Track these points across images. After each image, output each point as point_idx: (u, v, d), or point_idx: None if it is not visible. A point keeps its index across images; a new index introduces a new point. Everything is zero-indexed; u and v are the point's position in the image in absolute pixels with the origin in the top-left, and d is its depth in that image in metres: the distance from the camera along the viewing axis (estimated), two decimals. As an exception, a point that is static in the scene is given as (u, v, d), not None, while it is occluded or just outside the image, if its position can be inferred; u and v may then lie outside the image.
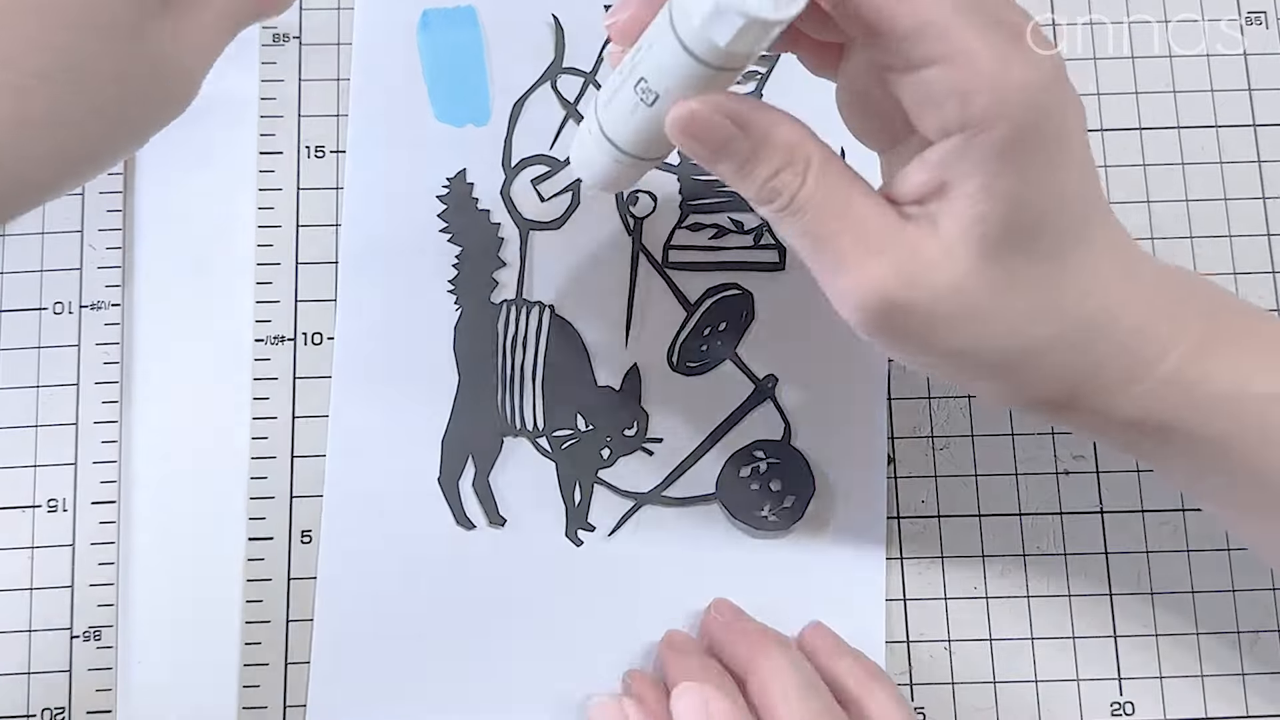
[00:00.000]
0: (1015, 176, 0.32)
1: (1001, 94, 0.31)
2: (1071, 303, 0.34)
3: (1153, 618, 0.44)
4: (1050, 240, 0.33)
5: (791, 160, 0.34)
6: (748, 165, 0.34)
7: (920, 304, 0.33)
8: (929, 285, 0.33)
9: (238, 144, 0.47)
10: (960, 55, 0.31)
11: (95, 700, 0.43)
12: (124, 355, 0.45)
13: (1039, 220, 0.33)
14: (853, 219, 0.33)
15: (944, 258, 0.33)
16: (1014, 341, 0.34)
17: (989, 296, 0.33)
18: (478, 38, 0.48)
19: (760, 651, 0.40)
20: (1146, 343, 0.35)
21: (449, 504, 0.44)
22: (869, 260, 0.33)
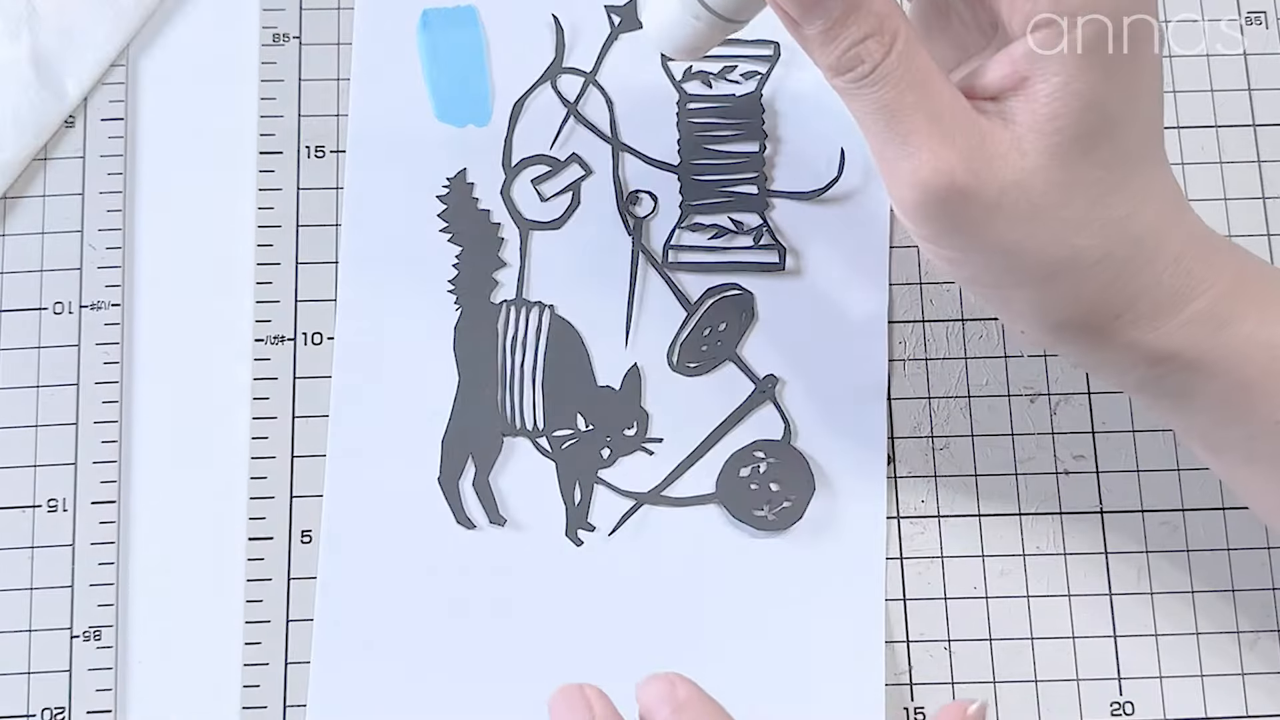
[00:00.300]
0: (1097, 77, 0.32)
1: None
2: (1124, 218, 0.35)
3: (1153, 618, 0.44)
4: (1118, 150, 0.34)
5: (880, 29, 0.33)
6: (836, 27, 0.34)
7: (983, 194, 0.33)
8: (994, 176, 0.33)
9: (238, 144, 0.47)
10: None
11: (95, 700, 0.43)
12: (124, 355, 0.45)
13: (1112, 127, 0.33)
14: (929, 99, 0.33)
15: (1013, 151, 0.33)
16: (1063, 248, 0.34)
17: (1050, 196, 0.34)
18: (478, 38, 0.48)
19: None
20: (1184, 276, 0.35)
21: (449, 504, 0.44)
22: (939, 143, 0.33)
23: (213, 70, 0.48)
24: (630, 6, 0.48)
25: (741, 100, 0.48)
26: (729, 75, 0.48)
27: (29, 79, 0.46)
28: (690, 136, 0.47)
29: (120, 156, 0.47)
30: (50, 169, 0.47)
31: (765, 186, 0.47)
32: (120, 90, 0.47)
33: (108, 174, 0.47)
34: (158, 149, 0.47)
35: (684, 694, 0.37)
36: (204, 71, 0.48)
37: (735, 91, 0.48)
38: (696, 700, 0.37)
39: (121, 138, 0.47)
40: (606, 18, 0.48)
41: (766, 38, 0.48)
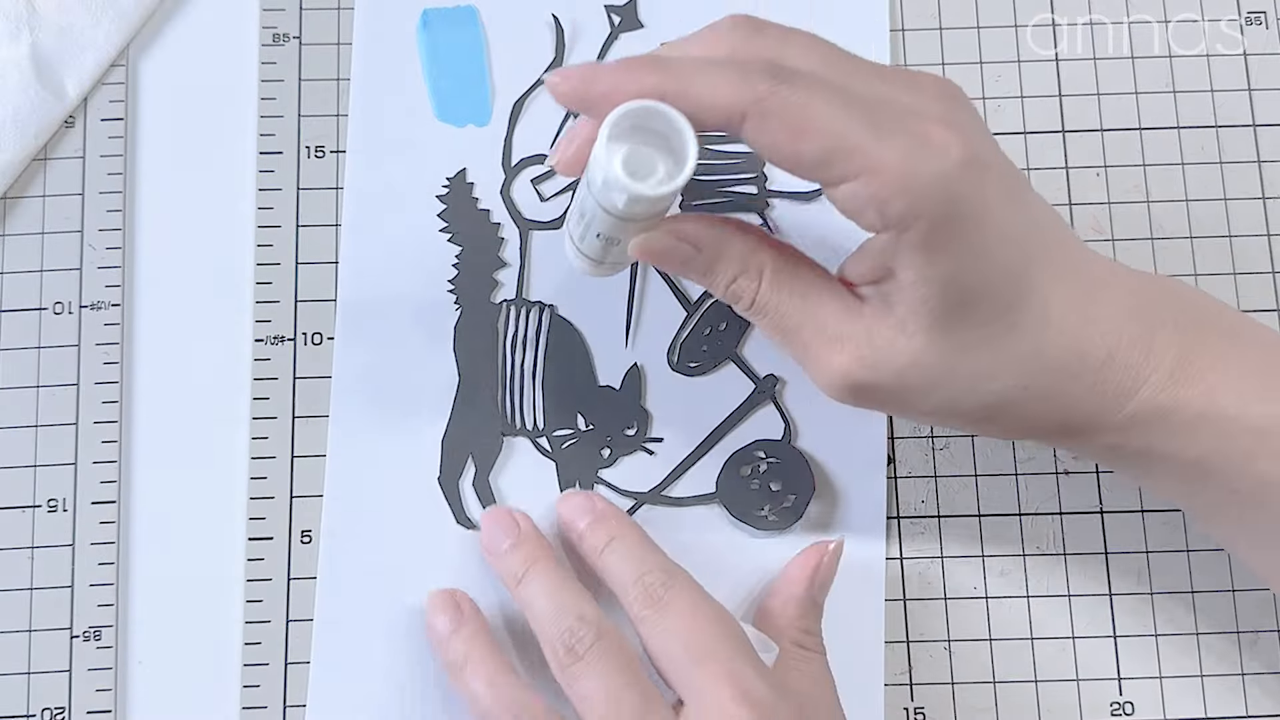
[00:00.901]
0: (942, 263, 0.34)
1: (912, 197, 0.33)
2: (1031, 353, 0.36)
3: (1153, 618, 0.44)
4: (993, 306, 0.35)
5: (746, 268, 0.37)
6: (707, 275, 0.38)
7: (884, 382, 0.36)
8: (888, 365, 0.36)
9: (238, 144, 0.47)
10: (868, 170, 0.33)
11: (95, 700, 0.43)
12: (124, 355, 0.45)
13: (977, 293, 0.35)
14: (811, 312, 0.37)
15: (899, 337, 0.36)
16: (981, 399, 0.36)
17: (946, 366, 0.36)
18: (478, 38, 0.48)
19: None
20: (1119, 374, 0.36)
21: (449, 504, 0.44)
22: (830, 349, 0.37)
23: (213, 70, 0.48)
24: (630, 6, 0.48)
25: (741, 100, 0.47)
26: (729, 75, 0.48)
27: (29, 79, 0.46)
28: (690, 136, 0.47)
29: (120, 156, 0.47)
30: (50, 169, 0.47)
31: (765, 186, 0.47)
32: (120, 90, 0.47)
33: (108, 174, 0.47)
34: (158, 149, 0.47)
35: (602, 506, 0.42)
36: (204, 71, 0.48)
37: None
38: (613, 512, 0.42)
39: (121, 138, 0.47)
40: (606, 17, 0.48)
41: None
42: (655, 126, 0.34)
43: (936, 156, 0.33)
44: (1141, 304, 0.37)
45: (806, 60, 0.35)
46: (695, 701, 0.37)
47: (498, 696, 0.39)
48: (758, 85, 0.33)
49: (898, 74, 0.36)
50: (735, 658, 0.37)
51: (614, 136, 0.34)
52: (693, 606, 0.39)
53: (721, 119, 0.33)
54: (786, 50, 0.35)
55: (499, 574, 0.42)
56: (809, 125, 0.33)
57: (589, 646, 0.38)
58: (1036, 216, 0.37)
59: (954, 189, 0.33)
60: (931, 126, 0.33)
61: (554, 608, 0.39)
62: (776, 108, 0.33)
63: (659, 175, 0.34)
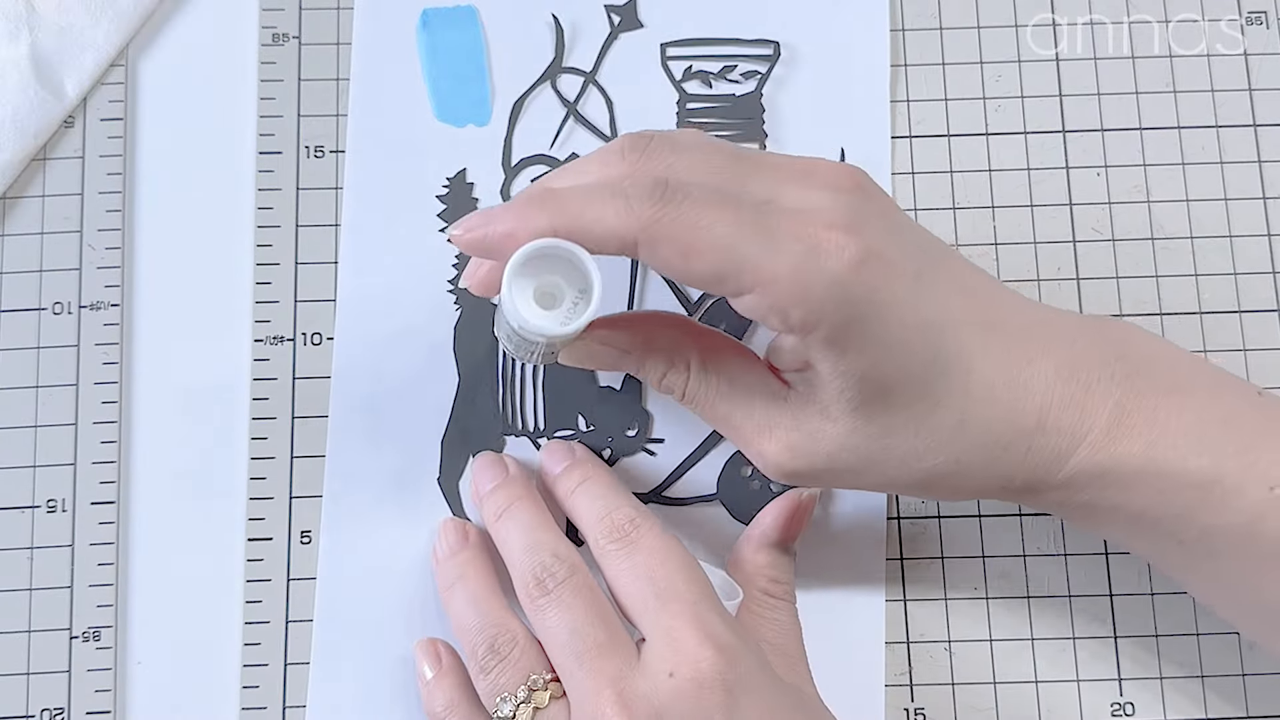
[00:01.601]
0: (852, 359, 0.35)
1: (810, 304, 0.34)
2: (957, 427, 0.36)
3: (1153, 618, 0.44)
4: (910, 391, 0.36)
5: (672, 364, 0.39)
6: (639, 372, 0.40)
7: (817, 466, 0.37)
8: (818, 451, 0.37)
9: (237, 144, 0.47)
10: (762, 283, 0.34)
11: (94, 701, 0.43)
12: (123, 355, 0.45)
13: (891, 381, 0.36)
14: (740, 401, 0.38)
15: (824, 424, 0.37)
16: (914, 476, 0.37)
17: (874, 449, 0.37)
18: (478, 38, 0.48)
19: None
20: (1053, 439, 0.37)
21: (449, 504, 0.44)
22: (761, 437, 0.38)
23: (212, 70, 0.48)
24: (630, 6, 0.48)
25: (741, 100, 0.47)
26: (729, 75, 0.48)
27: (28, 79, 0.46)
28: (690, 136, 0.47)
29: (120, 157, 0.47)
30: (49, 169, 0.47)
31: (765, 187, 0.47)
32: (119, 90, 0.47)
33: (107, 174, 0.46)
34: (157, 149, 0.47)
35: (581, 453, 0.43)
36: (204, 71, 0.48)
37: (735, 91, 0.48)
38: (589, 458, 0.43)
39: (121, 138, 0.47)
40: (606, 17, 0.48)
41: (767, 37, 0.48)
42: (558, 254, 0.35)
43: (829, 261, 0.34)
44: (1075, 358, 0.37)
45: (695, 171, 0.35)
46: (659, 639, 0.37)
47: (480, 614, 0.40)
48: (643, 211, 0.34)
49: (791, 169, 0.36)
50: (700, 601, 0.38)
51: (519, 274, 0.35)
52: (659, 545, 0.39)
53: (616, 247, 0.34)
54: (677, 162, 0.36)
55: (481, 514, 0.43)
56: (698, 245, 0.34)
57: (559, 582, 0.39)
58: (950, 292, 0.37)
59: (850, 292, 0.34)
60: (822, 231, 0.34)
61: (529, 543, 0.40)
62: (664, 232, 0.34)
63: (568, 302, 0.36)
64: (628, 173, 0.35)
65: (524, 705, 0.38)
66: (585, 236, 0.34)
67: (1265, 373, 0.46)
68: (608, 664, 0.37)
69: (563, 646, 0.38)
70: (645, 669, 0.36)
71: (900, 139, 0.48)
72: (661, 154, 0.36)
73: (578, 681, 0.37)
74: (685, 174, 0.35)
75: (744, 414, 0.38)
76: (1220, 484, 0.36)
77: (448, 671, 0.41)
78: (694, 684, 0.36)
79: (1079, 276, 0.46)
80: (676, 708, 0.36)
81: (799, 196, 0.35)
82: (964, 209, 0.47)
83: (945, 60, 0.48)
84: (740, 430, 0.39)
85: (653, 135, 0.36)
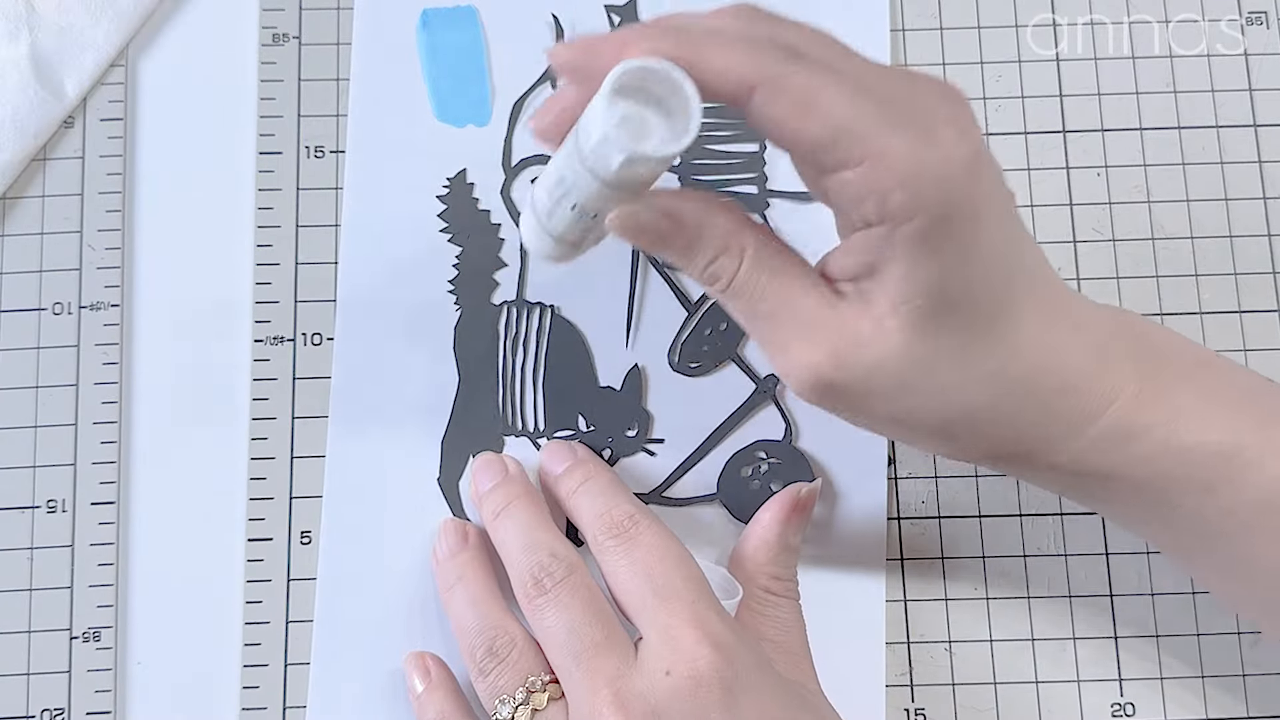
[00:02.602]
0: (934, 261, 0.33)
1: (915, 189, 0.32)
2: (999, 370, 0.36)
3: (1153, 619, 0.44)
4: (972, 314, 0.35)
5: (726, 247, 0.36)
6: (686, 254, 0.36)
7: (854, 382, 0.35)
8: (861, 364, 0.35)
9: (237, 144, 0.47)
10: (873, 157, 0.32)
11: (94, 701, 0.43)
12: (123, 356, 0.45)
13: (960, 298, 0.34)
14: (787, 301, 0.36)
15: (875, 336, 0.35)
16: (947, 410, 0.36)
17: (919, 371, 0.35)
18: (478, 38, 0.48)
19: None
20: (1083, 399, 0.36)
21: (449, 504, 0.44)
22: (803, 342, 0.35)
23: (212, 70, 0.48)
24: (630, 6, 0.48)
25: (742, 100, 0.47)
26: (729, 75, 0.48)
27: (28, 79, 0.46)
28: (690, 136, 0.47)
29: (120, 157, 0.47)
30: (49, 169, 0.47)
31: (765, 186, 0.47)
32: (119, 90, 0.47)
33: (107, 174, 0.46)
34: (157, 149, 0.47)
35: (582, 453, 0.43)
36: (204, 71, 0.48)
37: None
38: (590, 458, 0.43)
39: (121, 138, 0.47)
40: (606, 17, 0.48)
41: (767, 38, 0.48)
42: (657, 90, 0.33)
43: (943, 153, 0.33)
44: (1103, 341, 0.37)
45: (819, 49, 0.34)
46: (656, 637, 0.37)
47: (479, 615, 0.40)
48: (772, 62, 0.32)
49: (907, 74, 0.35)
50: (698, 599, 0.37)
51: (616, 92, 0.32)
52: (658, 543, 0.39)
53: (731, 90, 0.33)
54: (800, 37, 0.34)
55: (480, 513, 0.43)
56: (818, 105, 0.32)
57: (557, 581, 0.39)
58: (1022, 238, 0.37)
59: (956, 189, 0.33)
60: (940, 125, 0.33)
61: (527, 543, 0.40)
62: (787, 85, 0.32)
63: (655, 141, 0.33)
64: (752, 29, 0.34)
65: (522, 707, 0.38)
66: (704, 70, 0.32)
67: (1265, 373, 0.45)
68: (605, 663, 0.37)
69: (560, 646, 0.38)
70: (642, 667, 0.36)
71: (900, 139, 0.48)
72: (787, 25, 0.34)
73: (575, 681, 0.37)
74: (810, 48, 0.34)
75: (789, 313, 0.36)
76: (1240, 456, 0.36)
77: (438, 684, 0.41)
78: (691, 682, 0.36)
79: (1079, 276, 0.46)
80: (673, 706, 0.36)
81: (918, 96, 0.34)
82: (964, 209, 0.47)
83: (945, 60, 0.48)
84: (780, 331, 0.36)
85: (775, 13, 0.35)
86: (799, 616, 0.42)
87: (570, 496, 0.42)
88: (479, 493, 0.43)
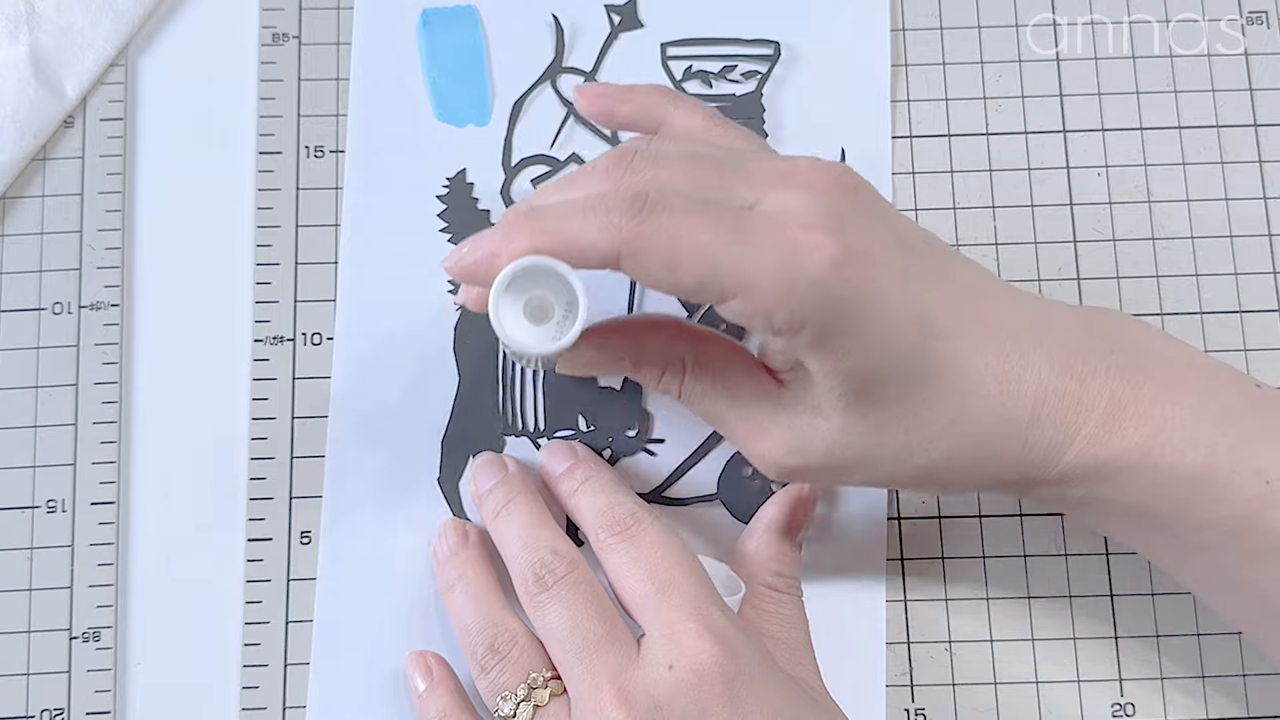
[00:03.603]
0: (839, 357, 0.35)
1: (792, 307, 0.34)
2: (948, 426, 0.36)
3: (1154, 618, 0.44)
4: (901, 386, 0.36)
5: (668, 364, 0.39)
6: (635, 374, 0.40)
7: (813, 465, 0.38)
8: (813, 449, 0.37)
9: (237, 144, 0.47)
10: (745, 288, 0.34)
11: (94, 701, 0.43)
12: (123, 355, 0.45)
13: (881, 377, 0.36)
14: (735, 401, 0.39)
15: (817, 424, 0.37)
16: (909, 471, 0.38)
17: (869, 445, 0.37)
18: (478, 37, 0.48)
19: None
20: (1049, 431, 0.37)
21: (449, 504, 0.44)
22: (757, 436, 0.38)
23: (212, 70, 0.48)
24: (630, 6, 0.48)
25: (741, 100, 0.47)
26: (729, 75, 0.48)
27: (28, 79, 0.46)
28: (690, 136, 0.47)
29: (119, 157, 0.47)
30: (49, 169, 0.46)
31: (766, 186, 0.47)
32: (119, 90, 0.47)
33: (107, 174, 0.46)
34: (157, 149, 0.47)
35: (583, 452, 0.43)
36: (203, 71, 0.48)
37: (735, 91, 0.48)
38: (591, 457, 0.43)
39: (120, 138, 0.47)
40: (606, 17, 0.48)
41: (767, 37, 0.48)
42: (545, 271, 0.35)
43: (809, 262, 0.34)
44: (1070, 350, 0.37)
45: (677, 180, 0.35)
46: (659, 633, 0.37)
47: (480, 613, 0.40)
48: (624, 224, 0.34)
49: (773, 171, 0.36)
50: (701, 595, 0.38)
51: (506, 294, 0.35)
52: (660, 540, 0.39)
53: (598, 261, 0.34)
54: (660, 173, 0.36)
55: (481, 513, 0.43)
56: (679, 255, 0.34)
57: (559, 578, 0.39)
58: (938, 288, 0.37)
59: (831, 291, 0.34)
60: (800, 233, 0.34)
61: (528, 540, 0.40)
62: (645, 244, 0.34)
63: (558, 315, 0.36)
64: (610, 189, 0.35)
65: (524, 703, 0.38)
66: (568, 253, 0.34)
67: (1265, 373, 0.46)
68: (607, 658, 0.37)
69: (562, 642, 0.38)
70: (645, 662, 0.36)
71: (900, 139, 0.48)
72: (644, 167, 0.36)
73: (577, 677, 0.37)
74: (668, 184, 0.35)
75: (739, 414, 0.39)
76: (1215, 478, 0.36)
77: (439, 682, 0.41)
78: (694, 675, 0.36)
79: (1079, 276, 0.46)
80: (677, 701, 0.36)
81: (780, 199, 0.35)
82: (964, 209, 0.47)
83: (945, 60, 0.48)
84: (736, 430, 0.39)
85: (636, 149, 0.36)
86: (801, 613, 0.42)
87: (571, 496, 0.42)
88: (479, 492, 0.43)
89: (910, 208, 0.47)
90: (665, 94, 0.40)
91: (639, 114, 0.40)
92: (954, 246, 0.46)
